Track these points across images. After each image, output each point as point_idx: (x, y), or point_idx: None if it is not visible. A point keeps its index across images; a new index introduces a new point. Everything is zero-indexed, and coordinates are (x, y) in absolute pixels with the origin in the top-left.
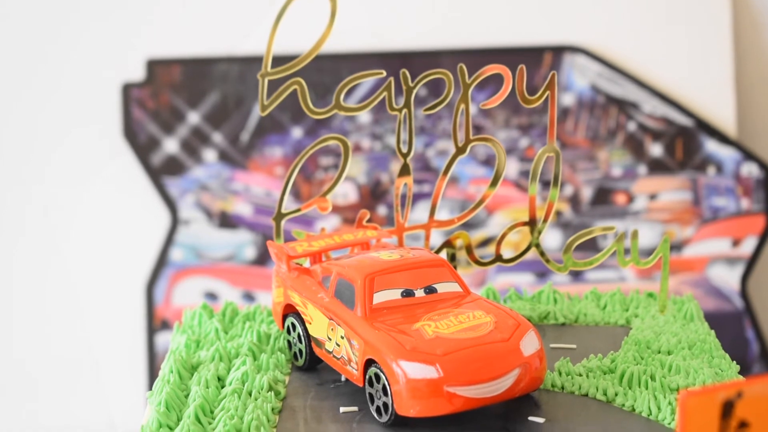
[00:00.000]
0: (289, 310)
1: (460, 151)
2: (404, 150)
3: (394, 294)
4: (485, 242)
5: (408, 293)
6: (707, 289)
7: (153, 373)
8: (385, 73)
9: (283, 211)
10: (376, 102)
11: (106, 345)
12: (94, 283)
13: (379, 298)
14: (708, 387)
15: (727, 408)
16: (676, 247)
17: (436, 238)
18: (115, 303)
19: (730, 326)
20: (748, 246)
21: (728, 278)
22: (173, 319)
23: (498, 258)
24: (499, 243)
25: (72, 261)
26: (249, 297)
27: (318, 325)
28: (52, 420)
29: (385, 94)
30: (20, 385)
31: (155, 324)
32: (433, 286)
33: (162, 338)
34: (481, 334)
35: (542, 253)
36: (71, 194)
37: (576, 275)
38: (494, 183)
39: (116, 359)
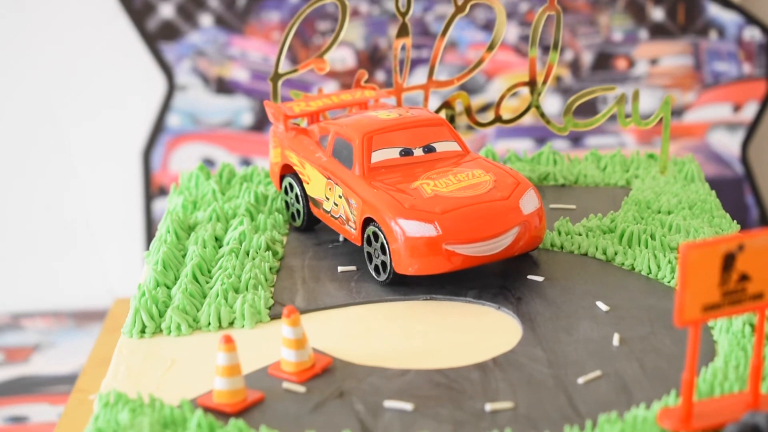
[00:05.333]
0: (287, 171)
1: (459, 9)
2: (402, 9)
3: (393, 153)
4: (484, 108)
5: (407, 152)
6: (707, 154)
7: (150, 239)
8: None
9: (280, 71)
10: None
11: (104, 211)
12: (90, 150)
13: (378, 156)
14: (709, 240)
15: (728, 261)
16: (677, 112)
17: (435, 102)
18: (112, 169)
19: (730, 192)
20: (749, 111)
21: (729, 144)
22: (170, 185)
23: (497, 119)
24: (498, 104)
25: (68, 128)
26: (246, 163)
27: (316, 185)
28: (51, 285)
29: None
30: (18, 252)
31: (152, 190)
32: (432, 145)
33: (159, 204)
34: (480, 193)
35: (542, 115)
36: (67, 61)
37: (575, 140)
38: (493, 45)
39: (113, 225)
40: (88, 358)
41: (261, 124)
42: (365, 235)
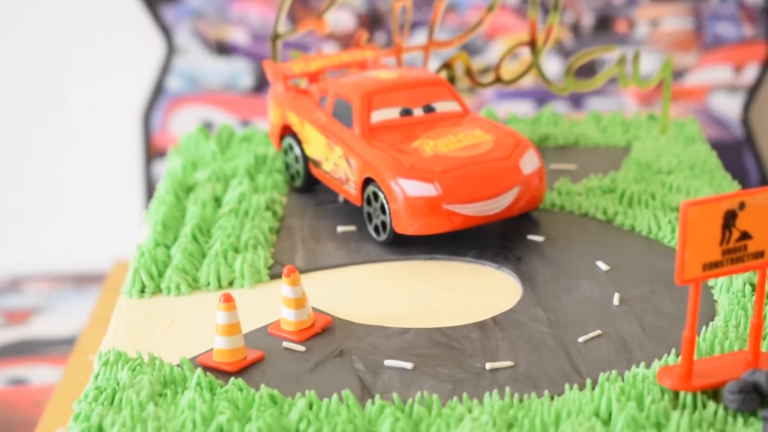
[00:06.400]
0: (286, 131)
1: None
2: None
3: (393, 113)
4: (484, 71)
5: (406, 112)
6: (708, 118)
7: (150, 201)
8: None
9: (280, 31)
10: None
11: (103, 174)
12: (90, 112)
13: (378, 116)
14: (710, 197)
15: (729, 219)
16: (678, 74)
17: (435, 64)
18: (111, 132)
19: (730, 155)
20: (750, 74)
21: (729, 107)
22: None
23: (497, 80)
24: (498, 65)
25: (68, 90)
26: (246, 126)
27: (315, 146)
28: (50, 248)
29: None
30: (18, 214)
31: (152, 153)
32: (432, 105)
33: (158, 167)
34: (481, 152)
35: (542, 76)
36: (65, 23)
37: (576, 102)
38: (493, 6)
39: (113, 188)
40: (88, 319)
41: (260, 86)
42: (365, 195)
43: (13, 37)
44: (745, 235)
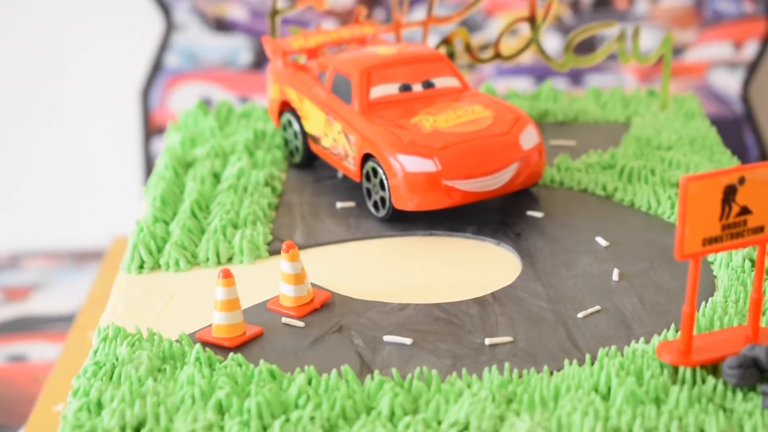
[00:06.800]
0: (285, 107)
1: None
2: None
3: (392, 88)
4: (483, 47)
5: (406, 88)
6: (707, 94)
7: (149, 177)
8: None
9: (278, 7)
10: None
11: (102, 151)
12: (89, 90)
13: (377, 92)
14: (709, 172)
15: (729, 194)
16: (677, 51)
17: (434, 40)
18: (110, 109)
19: (730, 132)
20: (750, 50)
21: (729, 83)
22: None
23: (497, 56)
24: (498, 41)
25: (66, 67)
26: (245, 102)
27: (314, 121)
28: (50, 225)
29: None
30: (17, 192)
31: (150, 130)
32: (431, 80)
33: (157, 144)
34: (480, 128)
35: (542, 52)
36: (63, 0)
37: (575, 78)
38: None
39: (112, 165)
40: (87, 296)
41: (259, 63)
42: (364, 171)
43: (11, 16)
44: (744, 210)
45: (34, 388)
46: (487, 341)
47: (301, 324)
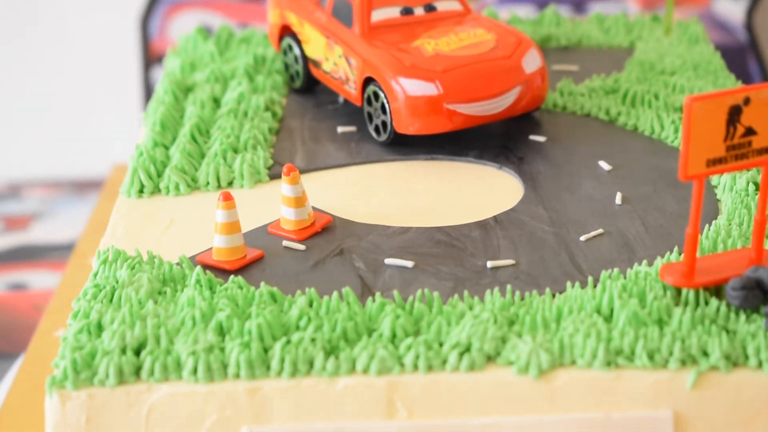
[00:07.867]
0: (286, 32)
1: None
2: None
3: (393, 12)
4: None
5: (407, 11)
6: (711, 22)
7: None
8: None
9: None
10: None
11: (102, 80)
12: (88, 18)
13: (378, 15)
14: (714, 92)
15: (734, 114)
16: None
17: None
18: (109, 37)
19: (733, 61)
20: None
21: (733, 11)
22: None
23: None
24: None
25: None
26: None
27: (315, 46)
28: (49, 154)
29: None
30: (17, 121)
31: (150, 58)
32: (433, 4)
33: (157, 73)
34: (482, 52)
35: None
36: None
37: (578, 6)
38: None
39: (112, 94)
40: (87, 224)
41: None
42: (365, 95)
43: None
44: (749, 131)
45: (34, 315)
46: (489, 264)
47: (302, 247)
